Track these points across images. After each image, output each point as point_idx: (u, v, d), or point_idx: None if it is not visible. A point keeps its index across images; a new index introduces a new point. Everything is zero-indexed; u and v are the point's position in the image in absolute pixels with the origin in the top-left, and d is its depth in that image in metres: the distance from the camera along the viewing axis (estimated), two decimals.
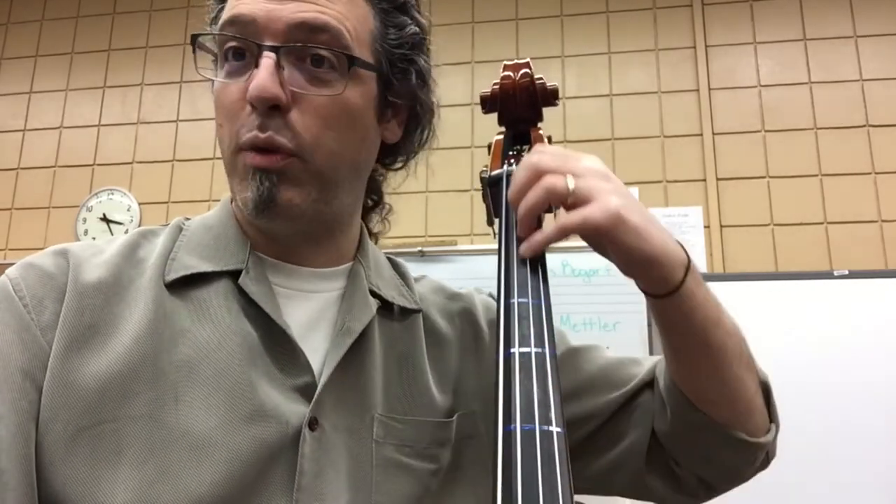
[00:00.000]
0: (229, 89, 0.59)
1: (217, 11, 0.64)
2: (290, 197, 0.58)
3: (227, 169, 0.61)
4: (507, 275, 0.54)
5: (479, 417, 0.67)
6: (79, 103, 2.95)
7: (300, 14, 0.57)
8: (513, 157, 0.67)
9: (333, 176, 0.61)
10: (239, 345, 0.58)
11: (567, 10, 2.73)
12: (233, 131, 0.58)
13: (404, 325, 0.68)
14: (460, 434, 0.65)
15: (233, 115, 0.58)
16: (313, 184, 0.59)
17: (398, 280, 0.72)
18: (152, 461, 0.51)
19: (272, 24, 0.57)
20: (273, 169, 0.57)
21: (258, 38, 0.57)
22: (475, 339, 0.72)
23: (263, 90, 0.55)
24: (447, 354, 0.69)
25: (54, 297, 0.56)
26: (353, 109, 0.60)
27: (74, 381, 0.53)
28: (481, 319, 0.73)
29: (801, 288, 2.21)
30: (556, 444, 0.41)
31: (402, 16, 0.64)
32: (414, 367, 0.66)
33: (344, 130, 0.60)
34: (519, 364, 0.46)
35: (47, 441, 0.51)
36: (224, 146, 0.60)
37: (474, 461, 0.65)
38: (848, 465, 2.00)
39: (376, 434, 0.60)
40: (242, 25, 0.58)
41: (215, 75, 0.62)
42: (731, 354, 0.62)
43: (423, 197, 2.60)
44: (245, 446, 0.54)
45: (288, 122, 0.57)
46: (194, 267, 0.61)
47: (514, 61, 0.71)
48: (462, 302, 0.75)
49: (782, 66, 2.55)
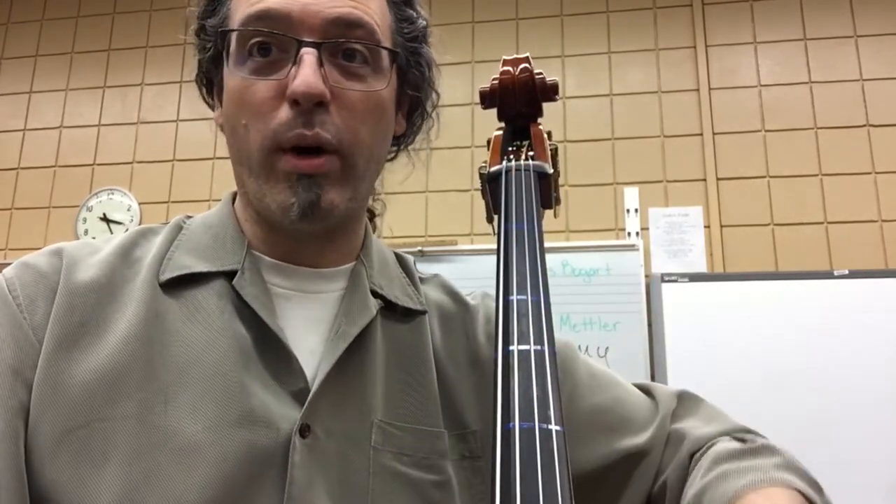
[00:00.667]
0: (257, 87, 0.57)
1: (211, 4, 0.62)
2: (331, 199, 0.57)
3: (255, 170, 0.58)
4: (507, 271, 0.53)
5: (476, 438, 0.64)
6: (79, 103, 2.95)
7: (337, 9, 0.56)
8: (512, 152, 0.66)
9: (364, 172, 0.60)
10: (230, 347, 0.56)
11: (567, 10, 2.73)
12: (266, 131, 0.56)
13: (409, 326, 0.66)
14: (457, 453, 0.62)
15: (263, 115, 0.57)
16: (350, 182, 0.59)
17: (405, 279, 0.70)
18: (139, 464, 0.50)
19: (308, 19, 0.56)
20: (318, 173, 0.57)
21: (295, 33, 0.56)
22: (476, 356, 0.68)
23: (312, 86, 0.54)
24: (446, 365, 0.66)
25: (46, 297, 0.55)
26: (384, 103, 0.60)
27: (63, 381, 0.52)
28: (479, 333, 0.70)
29: (801, 288, 2.22)
30: (555, 443, 0.41)
31: (410, 10, 0.65)
32: (417, 372, 0.64)
33: (376, 125, 0.60)
34: (518, 362, 0.46)
35: (36, 441, 0.51)
36: (251, 146, 0.58)
37: (474, 481, 0.62)
38: (848, 465, 2.00)
39: (374, 441, 0.58)
40: (276, 21, 0.56)
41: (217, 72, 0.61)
42: None
43: (423, 197, 2.60)
44: (234, 450, 0.52)
45: (329, 119, 0.56)
46: (189, 267, 0.60)
47: (513, 56, 0.70)
48: (467, 312, 0.71)
49: (782, 66, 2.55)
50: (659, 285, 2.29)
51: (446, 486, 0.60)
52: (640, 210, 2.48)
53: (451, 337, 0.69)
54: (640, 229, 2.45)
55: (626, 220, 2.48)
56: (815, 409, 2.04)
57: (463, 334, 0.69)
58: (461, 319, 0.70)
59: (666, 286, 2.28)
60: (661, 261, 2.41)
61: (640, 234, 2.45)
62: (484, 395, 0.66)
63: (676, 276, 2.30)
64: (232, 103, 0.59)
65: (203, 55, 0.64)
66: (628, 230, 2.46)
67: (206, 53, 0.63)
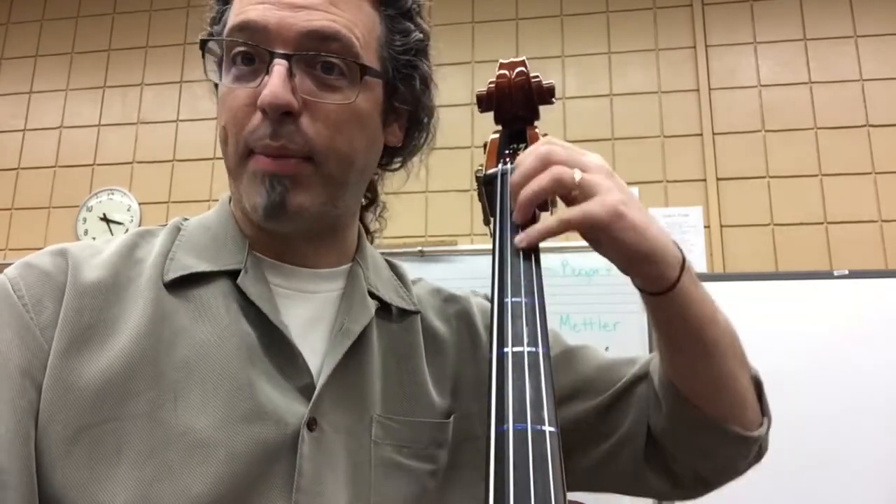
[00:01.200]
0: (236, 94, 0.59)
1: (219, 12, 0.64)
2: (300, 202, 0.59)
3: (232, 172, 0.61)
4: (501, 273, 0.54)
5: (476, 419, 0.67)
6: (79, 103, 2.95)
7: (312, 22, 0.57)
8: (508, 155, 0.67)
9: (342, 179, 0.61)
10: (238, 345, 0.58)
11: (567, 10, 2.73)
12: (240, 135, 0.58)
13: (402, 326, 0.69)
14: (458, 436, 0.66)
15: (240, 120, 0.58)
16: (323, 187, 0.60)
17: (396, 281, 0.73)
18: (152, 461, 0.51)
19: (284, 32, 0.57)
20: (285, 174, 0.58)
21: (269, 45, 0.57)
22: (472, 341, 0.72)
23: (276, 97, 0.55)
24: (445, 356, 0.70)
25: (53, 297, 0.56)
26: (362, 115, 0.61)
27: (74, 382, 0.53)
28: (478, 322, 0.74)
29: (801, 288, 2.21)
30: (548, 444, 0.41)
31: (407, 22, 0.65)
32: (412, 369, 0.67)
33: (353, 135, 0.61)
34: (512, 363, 0.46)
35: (46, 441, 0.51)
36: (230, 149, 0.60)
37: (472, 462, 0.65)
38: (848, 464, 2.00)
39: (375, 435, 0.61)
40: (253, 32, 0.58)
41: (219, 77, 0.62)
42: (725, 351, 0.63)
43: (422, 197, 2.60)
44: (244, 446, 0.54)
45: (299, 127, 0.57)
46: (193, 267, 0.61)
47: (509, 60, 0.71)
48: (459, 304, 0.75)
49: (782, 66, 2.55)
50: None
51: (446, 474, 0.64)
52: None
53: (448, 325, 0.72)
54: None
55: None
56: (815, 409, 2.04)
57: (458, 322, 0.73)
58: (455, 309, 0.74)
59: None
60: None
61: None
62: (481, 375, 0.69)
63: None
64: (219, 109, 0.62)
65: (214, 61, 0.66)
66: None
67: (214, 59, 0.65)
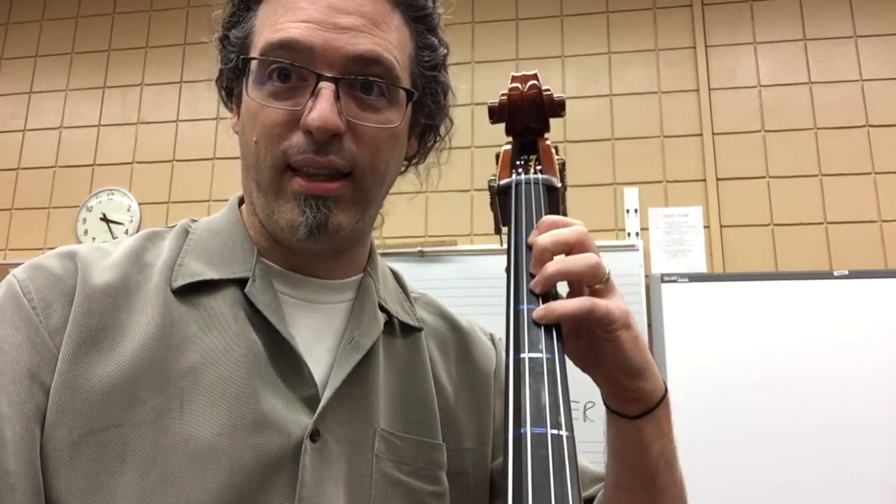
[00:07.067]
0: (272, 111, 0.58)
1: (237, 16, 0.63)
2: (339, 221, 0.59)
3: (264, 187, 0.60)
4: (517, 282, 0.55)
5: (470, 456, 0.67)
6: (79, 103, 2.95)
7: (357, 46, 0.58)
8: (520, 166, 0.68)
9: (374, 195, 0.62)
10: (244, 353, 0.58)
11: (567, 10, 2.72)
12: (276, 150, 0.58)
13: (406, 342, 0.69)
14: (451, 468, 0.65)
15: (276, 137, 0.58)
16: (360, 205, 0.61)
17: (401, 294, 0.73)
18: (155, 468, 0.51)
19: (329, 55, 0.57)
20: (329, 195, 0.58)
21: (315, 66, 0.57)
22: (469, 378, 0.72)
23: (326, 122, 0.56)
24: (444, 384, 0.69)
25: (63, 300, 0.55)
26: (399, 134, 0.62)
27: (81, 386, 0.52)
28: (478, 361, 0.73)
29: (801, 288, 2.21)
30: (566, 449, 0.42)
31: (433, 37, 0.67)
32: (416, 387, 0.66)
33: (390, 154, 0.62)
34: (528, 368, 0.47)
35: (52, 445, 0.51)
36: (263, 164, 0.59)
37: (464, 497, 0.65)
38: (848, 465, 2.00)
39: (377, 449, 0.60)
40: (298, 52, 0.57)
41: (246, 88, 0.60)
42: None
43: (423, 197, 2.60)
44: (247, 455, 0.54)
45: (342, 147, 0.58)
46: (201, 274, 0.61)
47: (521, 73, 0.73)
48: (460, 334, 0.74)
49: (782, 66, 2.55)
50: (659, 285, 2.29)
51: (443, 497, 0.63)
52: (639, 210, 2.48)
53: (447, 357, 0.72)
54: (639, 229, 2.45)
55: (626, 221, 2.48)
56: (815, 409, 2.04)
57: (458, 355, 0.73)
58: (455, 341, 0.73)
59: (666, 286, 2.28)
60: (660, 261, 2.41)
61: (640, 235, 2.45)
62: (477, 415, 0.70)
63: (676, 277, 2.30)
64: (247, 120, 0.61)
65: (225, 65, 0.64)
66: (628, 230, 2.46)
67: (228, 64, 0.64)
